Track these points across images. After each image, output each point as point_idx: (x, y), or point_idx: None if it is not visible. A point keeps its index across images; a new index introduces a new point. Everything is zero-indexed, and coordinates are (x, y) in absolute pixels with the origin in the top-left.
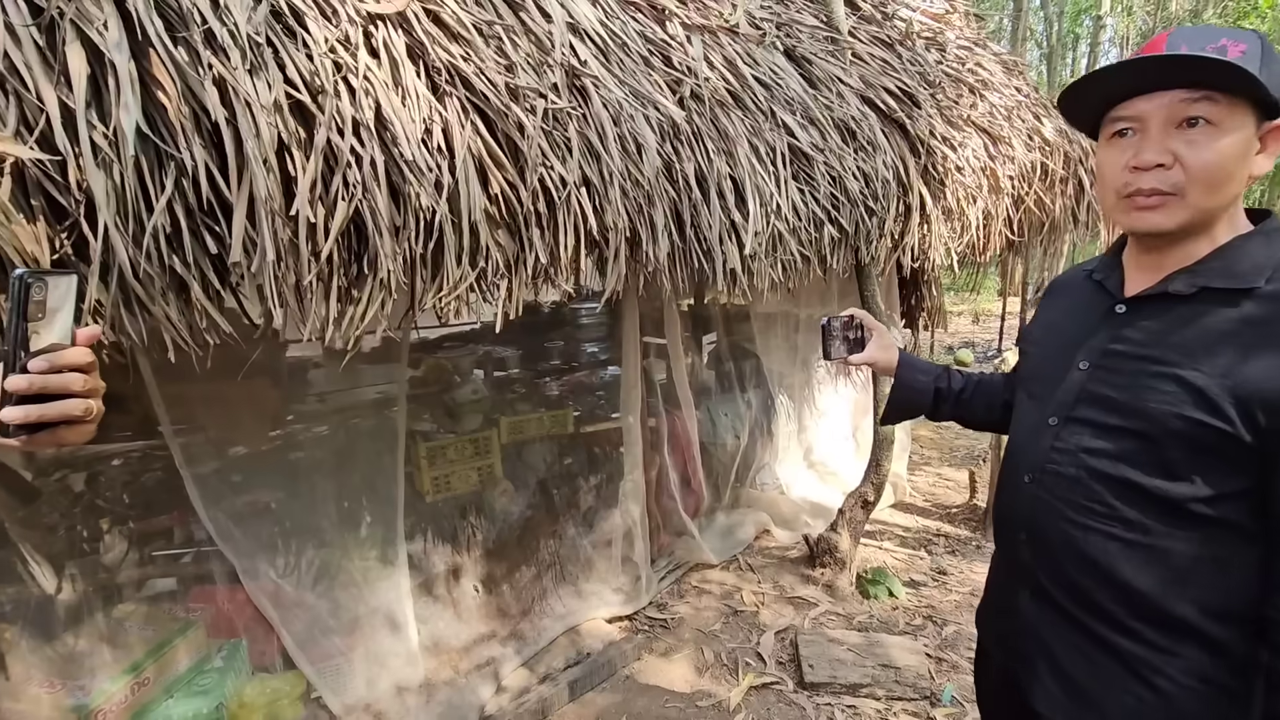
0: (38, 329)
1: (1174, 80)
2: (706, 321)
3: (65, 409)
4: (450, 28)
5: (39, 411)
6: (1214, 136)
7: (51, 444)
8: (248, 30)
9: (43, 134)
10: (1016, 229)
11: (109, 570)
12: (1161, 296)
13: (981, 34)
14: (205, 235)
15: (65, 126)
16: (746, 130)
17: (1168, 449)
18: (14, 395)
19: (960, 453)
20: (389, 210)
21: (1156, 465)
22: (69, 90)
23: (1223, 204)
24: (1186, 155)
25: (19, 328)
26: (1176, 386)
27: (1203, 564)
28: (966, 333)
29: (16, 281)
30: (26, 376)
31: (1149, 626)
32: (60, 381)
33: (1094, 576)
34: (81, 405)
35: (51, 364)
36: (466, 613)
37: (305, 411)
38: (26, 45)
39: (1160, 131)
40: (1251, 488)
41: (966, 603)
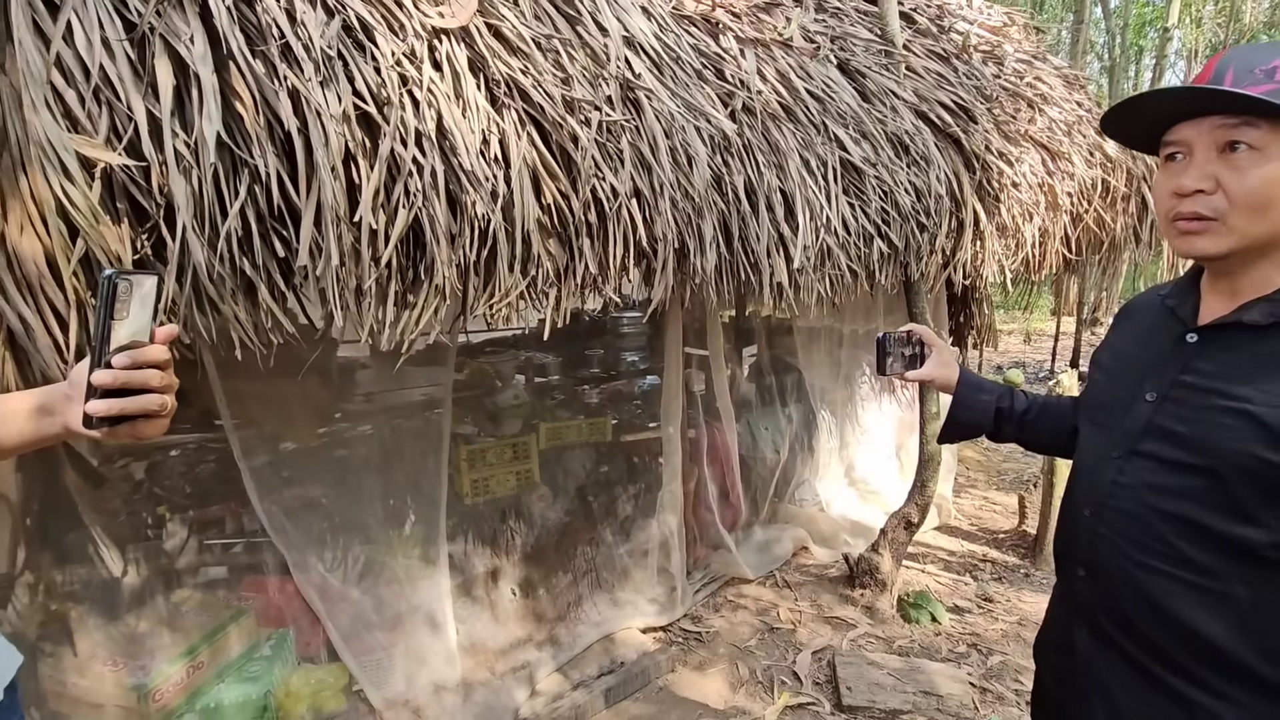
0: (121, 326)
1: (1214, 106)
2: (748, 334)
3: (144, 404)
4: (510, 42)
5: (120, 405)
6: (1257, 162)
7: (130, 437)
8: (321, 44)
9: (130, 142)
10: (1074, 247)
11: (169, 556)
12: (1235, 326)
13: (1041, 47)
14: (274, 239)
15: (151, 134)
16: (798, 143)
17: (1236, 489)
18: (98, 389)
19: (1009, 476)
20: (446, 218)
21: (1224, 506)
22: (156, 101)
23: (1275, 229)
24: (1228, 180)
25: (105, 325)
26: (1248, 423)
27: (1273, 611)
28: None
29: (105, 281)
30: (110, 371)
31: (1213, 673)
32: (141, 377)
33: (1155, 619)
34: (158, 400)
35: (133, 360)
36: (503, 615)
37: (354, 410)
38: (120, 59)
39: (1203, 156)
40: None
41: (1014, 632)
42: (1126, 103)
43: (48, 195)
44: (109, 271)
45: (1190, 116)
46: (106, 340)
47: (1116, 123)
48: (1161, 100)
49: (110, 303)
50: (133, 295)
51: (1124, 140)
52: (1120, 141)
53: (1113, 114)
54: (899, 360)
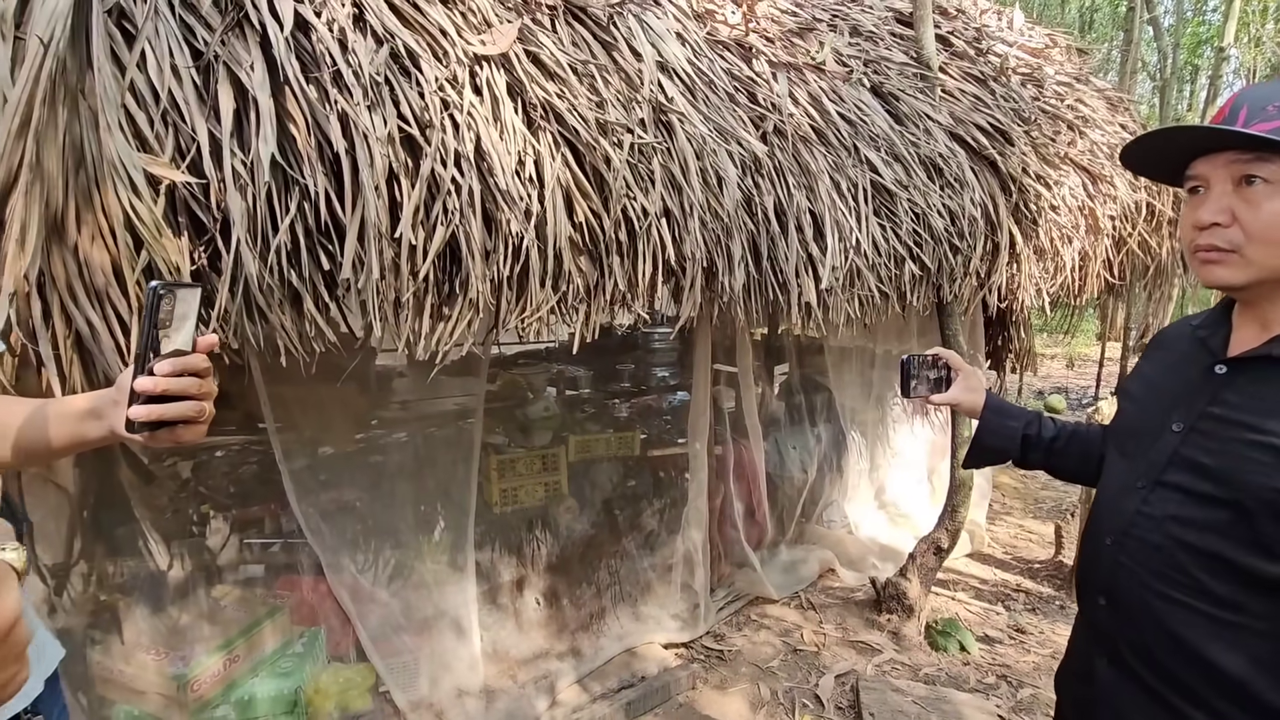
0: (165, 335)
1: (1228, 142)
2: (779, 352)
3: (183, 410)
4: (547, 67)
5: (160, 411)
6: (1270, 195)
7: (169, 442)
8: (370, 71)
9: (193, 160)
10: (1117, 271)
11: (211, 553)
12: (1265, 359)
13: (1084, 69)
14: (319, 253)
15: (211, 154)
16: (828, 165)
17: (1263, 524)
18: (141, 395)
19: (1046, 504)
20: (482, 235)
21: (1250, 541)
22: (217, 123)
23: None
24: (1244, 214)
25: (149, 333)
26: (1273, 457)
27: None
28: (1059, 377)
29: (151, 292)
30: (152, 378)
31: (1233, 707)
32: (181, 385)
33: (1177, 652)
34: (197, 407)
35: (175, 368)
36: (527, 624)
37: (389, 417)
38: (186, 84)
39: (1220, 190)
40: None
41: (1046, 665)
42: (1141, 139)
43: (117, 209)
44: (155, 283)
45: (1207, 152)
46: (150, 348)
47: (1134, 157)
48: (1174, 137)
49: (155, 312)
50: (177, 306)
51: (1146, 173)
52: (1142, 174)
53: (1130, 149)
54: (923, 383)
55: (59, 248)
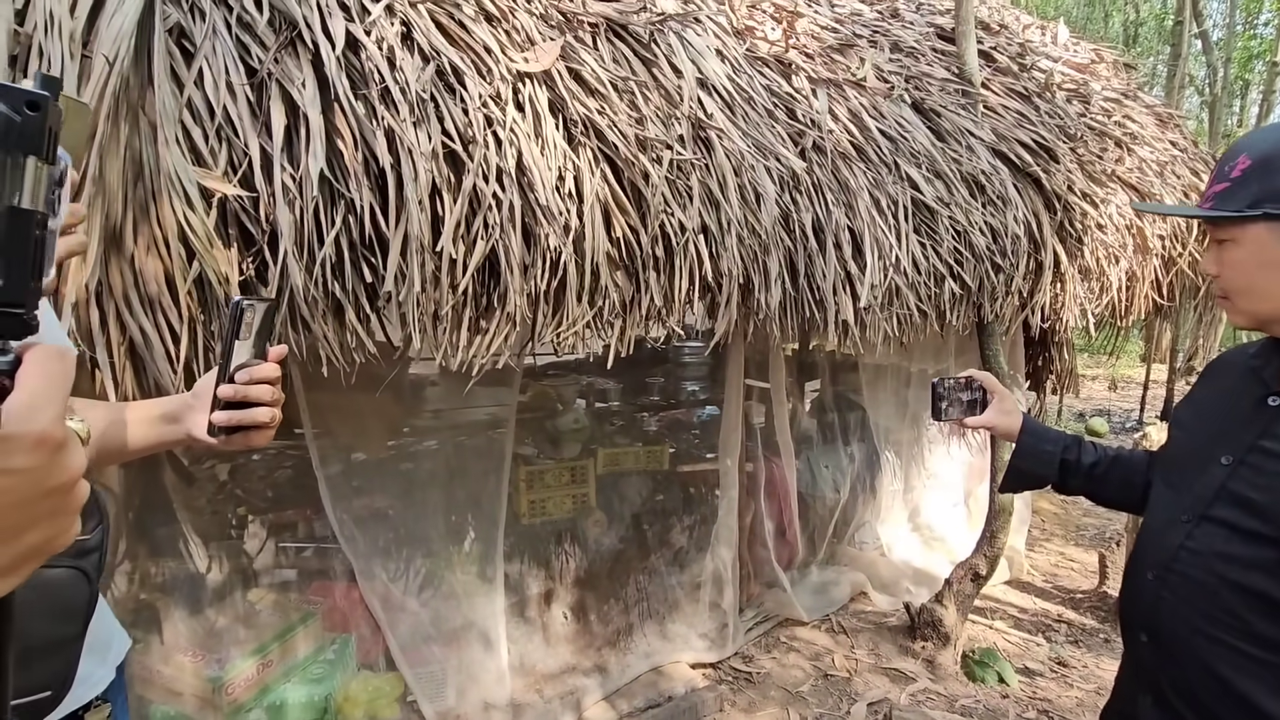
0: (242, 346)
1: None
2: (811, 368)
3: (257, 415)
4: (588, 84)
5: (239, 416)
6: (1232, 252)
7: (243, 446)
8: (416, 88)
9: (244, 175)
10: (1166, 292)
11: (248, 556)
12: None
13: (1132, 84)
14: (363, 265)
15: (262, 168)
16: (868, 182)
17: None
18: (222, 401)
19: (1089, 532)
20: (521, 249)
21: None
22: (269, 138)
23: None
24: (1223, 269)
25: (231, 344)
26: None
27: None
28: (1101, 399)
29: (234, 306)
30: (233, 386)
31: None
32: (256, 392)
33: (1222, 693)
34: (269, 413)
35: (252, 376)
36: (554, 638)
37: (422, 427)
38: (240, 100)
39: (1214, 245)
40: None
41: (1090, 702)
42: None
43: (172, 221)
44: (237, 299)
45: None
46: (231, 358)
47: None
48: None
49: (237, 325)
50: (254, 319)
51: None
52: None
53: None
54: (956, 405)
55: (117, 258)
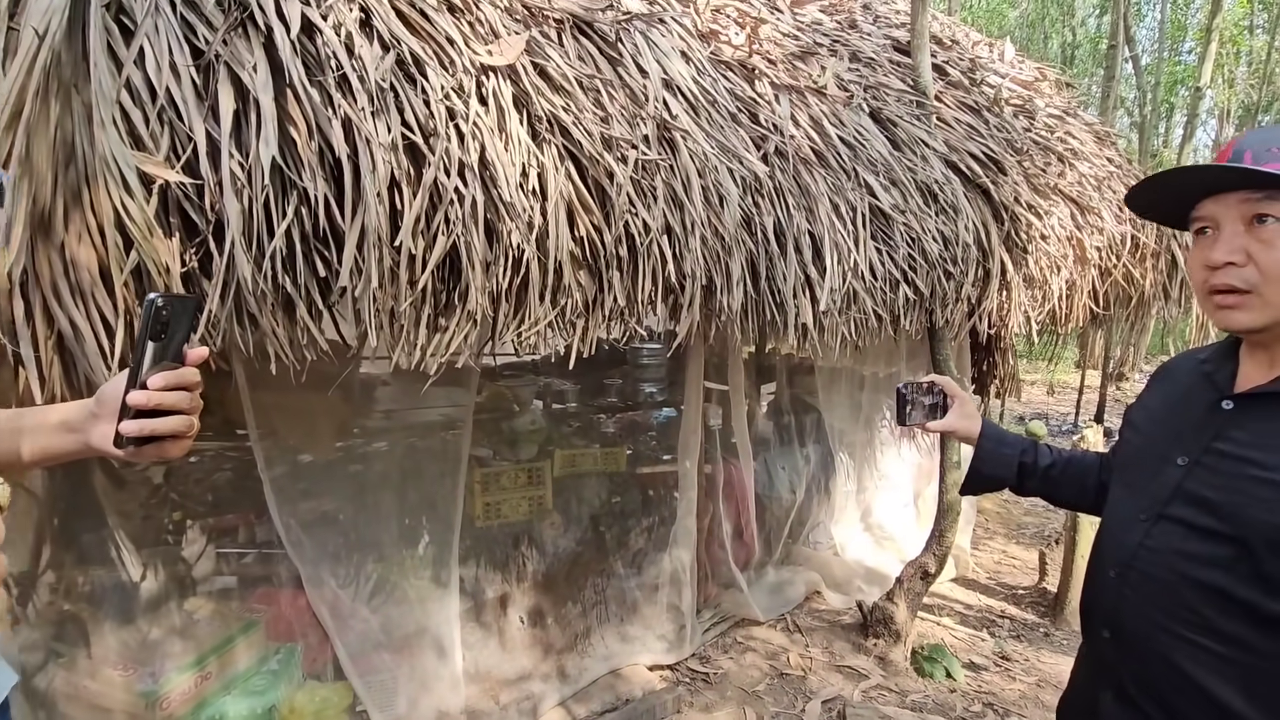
0: (159, 348)
1: (1238, 182)
2: (768, 371)
3: (173, 425)
4: (554, 80)
5: (151, 426)
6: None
7: (155, 457)
8: (375, 76)
9: (188, 161)
10: (1102, 301)
11: (185, 563)
12: (1273, 396)
13: (1072, 102)
14: (316, 259)
15: (209, 155)
16: (828, 188)
17: (1266, 561)
18: (131, 409)
19: (1028, 530)
20: (483, 247)
21: (1254, 577)
22: (216, 123)
23: None
24: (1258, 253)
25: (144, 346)
26: (1277, 495)
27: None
28: (1040, 404)
29: (149, 304)
30: (146, 392)
31: None
32: (173, 399)
33: (1183, 688)
34: (186, 422)
35: (167, 382)
36: (510, 643)
37: (374, 428)
38: (185, 83)
39: (1231, 230)
40: None
41: (1033, 694)
42: (1150, 180)
43: (107, 208)
44: (152, 295)
45: (1215, 192)
46: (143, 361)
47: (1141, 199)
48: (1186, 178)
49: (151, 325)
50: (173, 318)
51: (1152, 216)
52: (1148, 218)
53: (1137, 191)
54: (919, 410)
55: (45, 245)
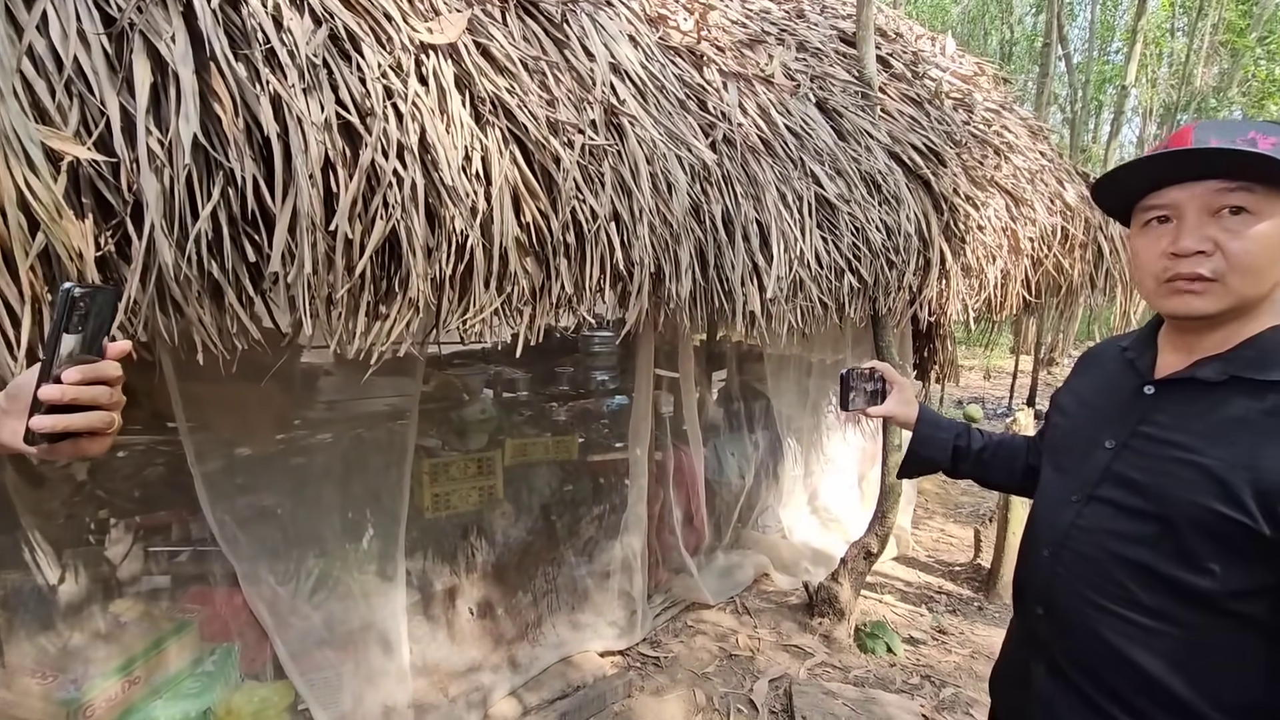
0: (74, 340)
1: (1211, 170)
2: (719, 358)
3: (91, 421)
4: (497, 61)
5: (66, 421)
6: (1252, 224)
7: (71, 455)
8: (306, 52)
9: (101, 137)
10: (1034, 290)
11: (110, 564)
12: (1190, 382)
13: (1008, 97)
14: (245, 243)
15: (123, 131)
16: (775, 177)
17: (1188, 538)
18: (44, 404)
19: (965, 510)
20: (424, 232)
21: (1176, 553)
22: (131, 97)
23: (1261, 291)
24: (1227, 243)
25: (58, 338)
26: (1199, 475)
27: (1220, 656)
28: (977, 388)
29: (63, 294)
30: (60, 387)
31: (1161, 711)
32: (91, 394)
33: (1109, 659)
34: (106, 418)
35: (84, 376)
36: (459, 635)
37: (315, 418)
38: (95, 52)
39: (1197, 219)
40: (1274, 585)
41: (966, 665)
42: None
43: (9, 186)
44: (67, 285)
45: (1179, 181)
46: (56, 354)
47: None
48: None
49: (66, 316)
50: (90, 309)
51: (1106, 207)
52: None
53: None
54: (861, 396)
55: None
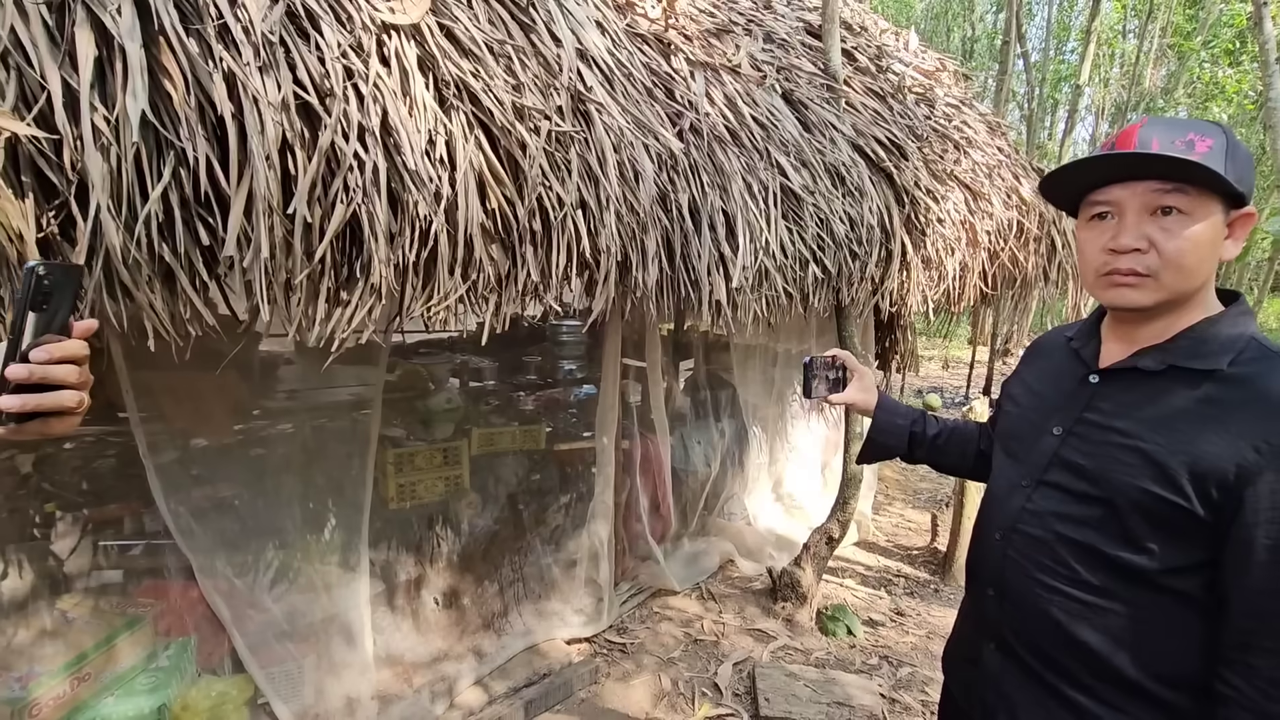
0: (40, 319)
1: (1149, 172)
2: (686, 348)
3: (60, 400)
4: (462, 44)
5: (35, 401)
6: (1185, 224)
7: (38, 434)
8: (263, 29)
9: (42, 112)
10: (991, 282)
11: (57, 559)
12: (1131, 371)
13: (968, 94)
14: (198, 226)
15: (66, 107)
16: (741, 167)
17: (1129, 519)
18: (10, 384)
19: (923, 495)
20: (387, 217)
21: (1119, 534)
22: (74, 72)
23: (1194, 286)
24: (1161, 241)
25: (24, 317)
26: (1139, 459)
27: (1159, 631)
28: (936, 378)
29: (28, 272)
30: (27, 366)
31: (1104, 685)
32: (59, 373)
33: (1055, 635)
34: (75, 397)
35: (51, 355)
36: (424, 625)
37: (275, 408)
38: (35, 23)
39: (1136, 217)
40: (1207, 562)
41: (922, 646)
42: (1076, 163)
43: None
44: (32, 263)
45: (1122, 180)
46: (23, 332)
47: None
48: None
49: (31, 294)
50: (55, 288)
51: (1054, 201)
52: (1050, 202)
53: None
54: (823, 383)
55: None
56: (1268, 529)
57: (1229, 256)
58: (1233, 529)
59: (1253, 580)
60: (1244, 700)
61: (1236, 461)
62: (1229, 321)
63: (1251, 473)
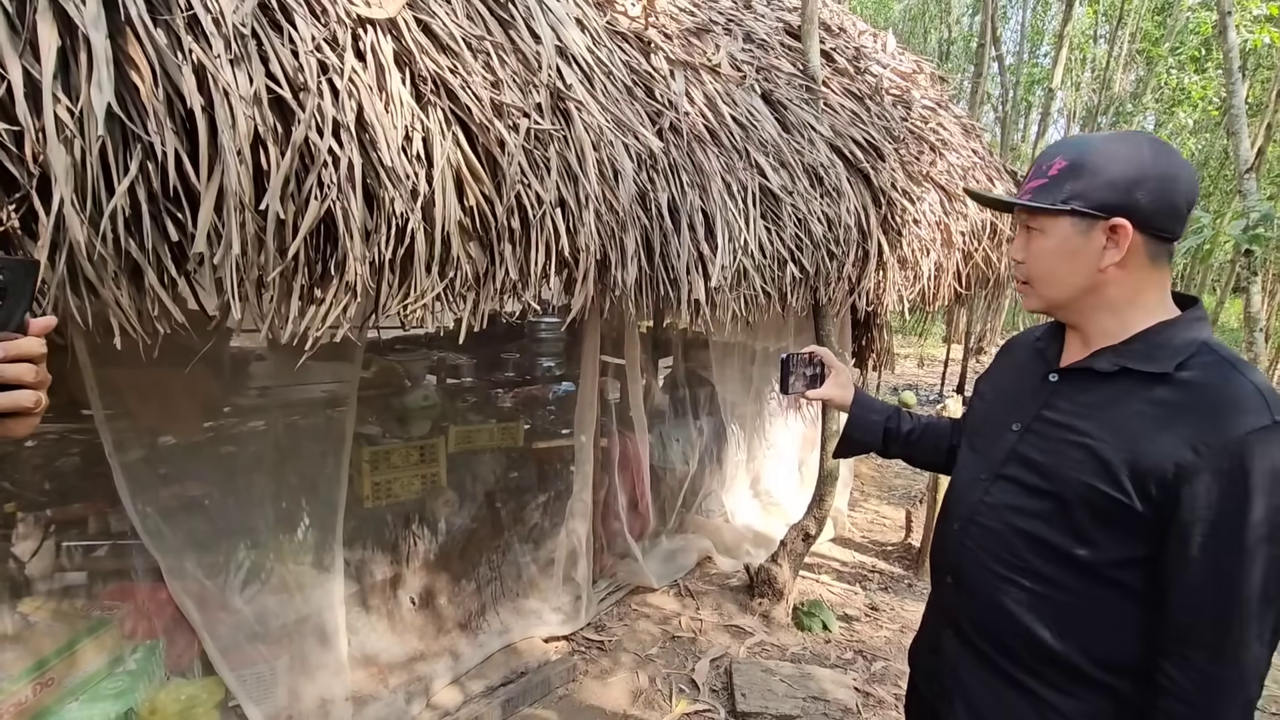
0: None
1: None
2: (665, 345)
3: (16, 400)
4: (440, 39)
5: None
6: (1040, 241)
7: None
8: (234, 20)
9: (1, 103)
10: (965, 282)
11: (18, 560)
12: (1088, 371)
13: (944, 96)
14: (167, 222)
15: (27, 98)
16: (721, 167)
17: (1076, 513)
18: None
19: (898, 492)
20: (362, 213)
21: (1067, 527)
22: (35, 61)
23: (1068, 292)
24: (1028, 255)
25: None
26: (1087, 456)
27: (1102, 620)
28: (911, 375)
29: None
30: None
31: (1051, 669)
32: (14, 372)
33: (1006, 622)
34: (32, 397)
35: (6, 353)
36: (400, 625)
37: (247, 406)
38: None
39: (1022, 235)
40: (1148, 557)
41: (896, 640)
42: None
43: None
44: None
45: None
46: None
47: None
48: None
49: None
50: (10, 284)
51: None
52: None
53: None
54: (801, 379)
55: None
56: (1202, 527)
57: (1110, 262)
58: (1171, 526)
59: (1189, 576)
60: (1179, 691)
61: (1175, 461)
62: (1183, 326)
63: (1189, 472)
